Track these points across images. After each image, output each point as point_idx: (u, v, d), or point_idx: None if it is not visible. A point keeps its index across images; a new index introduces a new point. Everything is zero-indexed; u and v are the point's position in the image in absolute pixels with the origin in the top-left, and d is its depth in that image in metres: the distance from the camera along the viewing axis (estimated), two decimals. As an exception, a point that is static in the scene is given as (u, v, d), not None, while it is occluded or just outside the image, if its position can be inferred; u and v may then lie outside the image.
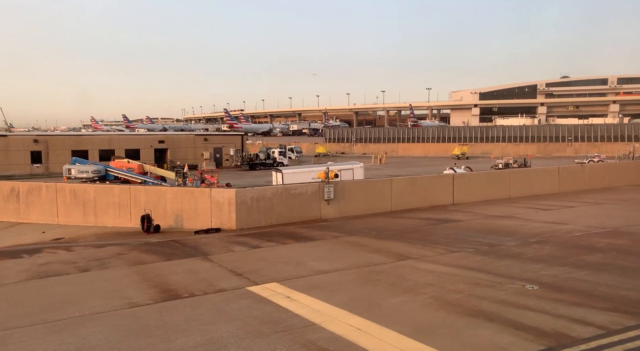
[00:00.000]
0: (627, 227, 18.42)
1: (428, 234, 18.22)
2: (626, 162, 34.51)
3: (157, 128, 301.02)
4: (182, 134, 62.36)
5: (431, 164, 58.84)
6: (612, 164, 32.95)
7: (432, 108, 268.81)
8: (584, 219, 20.52)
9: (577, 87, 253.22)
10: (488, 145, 68.46)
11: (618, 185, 31.96)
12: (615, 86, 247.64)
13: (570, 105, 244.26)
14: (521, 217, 21.57)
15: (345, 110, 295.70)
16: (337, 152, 73.59)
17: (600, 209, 23.20)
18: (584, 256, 14.03)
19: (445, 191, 26.47)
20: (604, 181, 31.91)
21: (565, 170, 30.86)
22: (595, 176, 31.77)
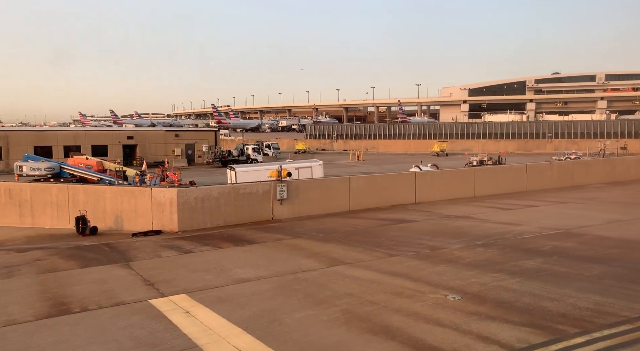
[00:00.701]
0: (580, 228, 17.85)
1: (376, 236, 17.50)
2: (595, 160, 34.10)
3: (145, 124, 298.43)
4: (152, 130, 60.94)
5: (409, 161, 58.13)
6: (581, 162, 32.49)
7: (422, 104, 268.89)
8: (541, 219, 19.94)
9: (566, 83, 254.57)
10: (469, 142, 68.01)
11: (587, 183, 31.52)
12: (603, 83, 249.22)
13: (559, 101, 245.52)
14: (478, 217, 20.95)
15: (335, 106, 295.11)
16: (317, 148, 72.76)
17: (561, 209, 22.65)
18: (524, 260, 13.39)
19: (407, 190, 25.79)
20: (573, 179, 31.44)
21: (533, 168, 30.32)
22: (564, 174, 31.29)
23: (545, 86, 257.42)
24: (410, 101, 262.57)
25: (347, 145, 72.48)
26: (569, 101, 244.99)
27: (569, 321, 8.86)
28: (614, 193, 27.93)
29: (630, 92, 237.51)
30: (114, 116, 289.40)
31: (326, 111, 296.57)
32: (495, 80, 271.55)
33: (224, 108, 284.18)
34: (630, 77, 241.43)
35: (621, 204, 23.74)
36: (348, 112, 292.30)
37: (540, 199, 26.11)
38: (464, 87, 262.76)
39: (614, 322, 8.70)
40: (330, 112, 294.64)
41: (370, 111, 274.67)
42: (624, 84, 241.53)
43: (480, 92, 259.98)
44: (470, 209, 23.15)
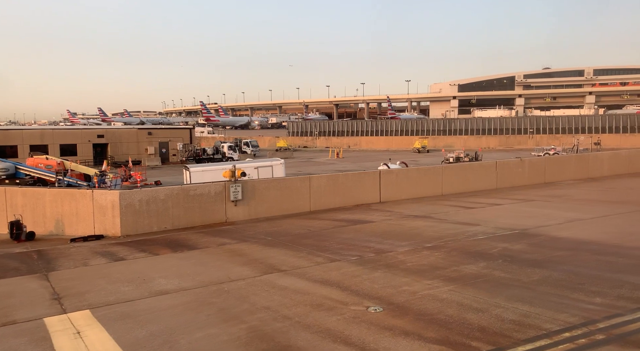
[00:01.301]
0: (537, 228, 17.26)
1: (326, 238, 16.78)
2: (567, 156, 33.63)
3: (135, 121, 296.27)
4: (124, 128, 59.74)
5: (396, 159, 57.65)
6: (553, 159, 32.02)
7: (412, 100, 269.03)
8: (501, 219, 19.35)
9: (555, 78, 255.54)
10: (451, 138, 67.55)
11: (559, 180, 31.06)
12: (591, 78, 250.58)
13: (548, 96, 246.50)
14: (438, 217, 20.33)
15: (325, 102, 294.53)
16: (299, 146, 72.00)
17: (524, 207, 22.09)
18: (466, 265, 12.74)
19: (372, 189, 25.11)
20: (545, 176, 30.95)
21: (503, 165, 29.77)
22: (535, 170, 30.78)
23: (534, 81, 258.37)
24: (400, 97, 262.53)
25: (330, 142, 71.76)
26: (558, 96, 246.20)
27: (486, 336, 8.20)
28: (584, 189, 27.46)
29: (618, 87, 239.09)
30: (102, 114, 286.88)
31: (317, 108, 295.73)
32: (484, 75, 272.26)
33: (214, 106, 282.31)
34: (618, 71, 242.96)
35: (587, 201, 23.24)
36: (338, 109, 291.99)
37: (508, 197, 25.56)
38: (454, 83, 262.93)
39: (533, 336, 8.06)
40: (320, 108, 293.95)
41: (361, 108, 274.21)
42: (612, 78, 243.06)
43: (469, 87, 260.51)
44: (433, 208, 22.54)
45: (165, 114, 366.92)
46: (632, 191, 26.16)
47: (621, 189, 27.01)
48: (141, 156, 46.78)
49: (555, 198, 24.53)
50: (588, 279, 11.10)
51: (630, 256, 13.01)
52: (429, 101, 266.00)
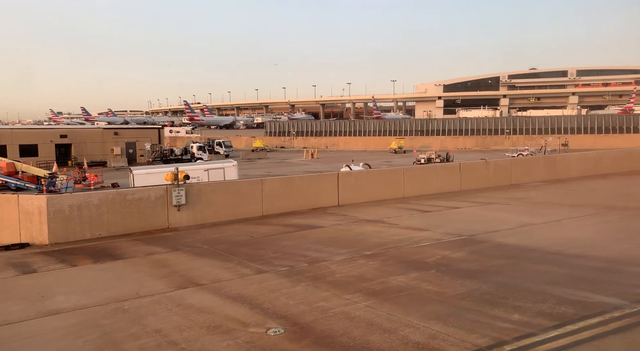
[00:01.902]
0: (485, 234, 16.59)
1: (265, 246, 15.90)
2: (534, 158, 33.23)
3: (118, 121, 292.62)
4: (89, 128, 58.29)
5: (367, 159, 56.91)
6: (519, 160, 31.57)
7: (397, 100, 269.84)
8: (453, 223, 18.67)
9: (539, 78, 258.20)
10: (428, 138, 67.19)
11: (525, 181, 30.55)
12: (574, 78, 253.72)
13: (532, 97, 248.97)
14: (390, 221, 19.58)
15: (312, 102, 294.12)
16: (276, 146, 71.05)
17: (481, 211, 21.47)
18: (396, 276, 11.96)
19: (330, 192, 24.27)
20: (511, 178, 30.44)
21: (467, 167, 29.17)
22: (501, 172, 30.25)
23: (519, 82, 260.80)
24: (386, 97, 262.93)
25: (308, 142, 70.94)
26: (542, 96, 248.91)
27: (381, 363, 7.39)
28: (547, 192, 26.98)
29: (601, 87, 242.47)
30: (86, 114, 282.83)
31: (303, 107, 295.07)
32: (469, 76, 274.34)
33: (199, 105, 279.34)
34: (600, 72, 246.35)
35: (546, 204, 22.70)
36: (325, 109, 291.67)
37: (468, 199, 24.93)
38: (439, 83, 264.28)
39: (430, 365, 7.27)
40: (307, 108, 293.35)
41: (347, 107, 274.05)
42: (595, 79, 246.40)
43: (455, 88, 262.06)
44: (389, 212, 21.80)
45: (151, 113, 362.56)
46: (593, 193, 25.73)
47: (583, 191, 26.58)
48: (107, 157, 45.37)
49: (516, 201, 23.97)
50: (515, 293, 10.39)
51: (566, 265, 12.36)
52: (415, 101, 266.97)
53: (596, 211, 20.12)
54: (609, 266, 12.22)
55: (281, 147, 69.84)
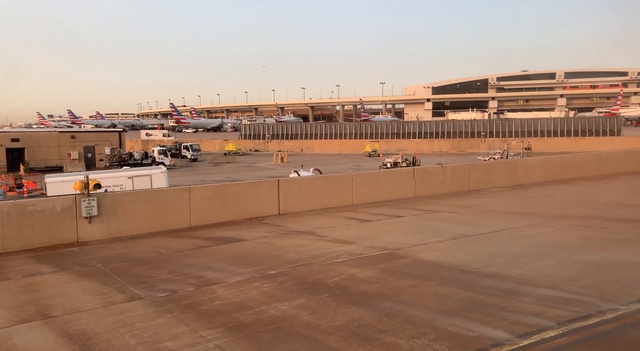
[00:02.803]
0: (412, 247, 15.31)
1: (164, 265, 14.50)
2: (494, 162, 32.08)
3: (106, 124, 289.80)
4: (43, 131, 56.37)
5: (339, 163, 55.76)
6: (478, 165, 30.37)
7: (386, 103, 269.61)
8: (385, 235, 17.41)
9: (527, 81, 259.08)
10: (403, 141, 66.08)
11: (485, 187, 29.37)
12: (562, 80, 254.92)
13: (520, 99, 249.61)
14: (320, 233, 18.27)
15: (301, 105, 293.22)
16: (250, 149, 69.56)
17: (423, 220, 20.22)
18: (281, 302, 10.65)
19: (269, 200, 22.91)
20: (469, 183, 29.24)
21: (422, 172, 27.96)
22: (459, 178, 29.02)
23: (507, 84, 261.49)
24: (375, 100, 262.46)
25: (282, 145, 69.57)
26: (530, 98, 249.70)
27: None
28: (502, 198, 25.82)
29: (588, 89, 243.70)
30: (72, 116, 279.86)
31: (293, 110, 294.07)
32: (458, 78, 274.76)
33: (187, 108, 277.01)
34: (588, 75, 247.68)
35: (494, 213, 21.49)
36: (315, 111, 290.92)
37: (416, 207, 23.68)
38: (428, 86, 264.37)
39: None
40: (297, 111, 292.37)
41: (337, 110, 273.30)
42: (583, 81, 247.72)
43: (443, 90, 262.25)
44: (327, 222, 20.48)
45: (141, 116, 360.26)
46: (549, 200, 24.56)
47: (540, 198, 25.41)
48: (64, 162, 43.68)
49: (464, 209, 22.74)
50: (397, 324, 9.08)
51: (473, 288, 11.07)
52: (404, 103, 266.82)
53: (541, 221, 18.91)
54: (517, 288, 10.96)
55: (255, 151, 68.43)
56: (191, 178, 41.19)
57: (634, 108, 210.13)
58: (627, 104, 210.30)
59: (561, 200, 24.14)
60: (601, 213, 19.85)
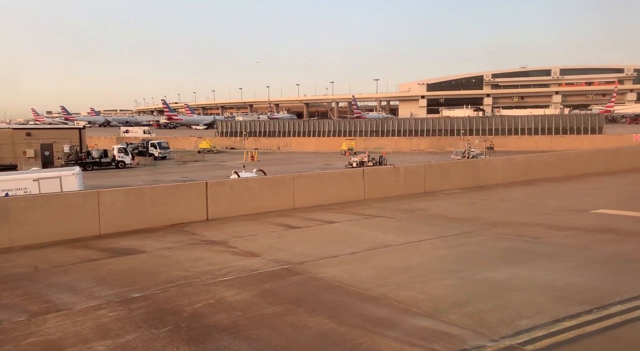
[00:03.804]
0: (317, 261, 13.72)
1: (26, 284, 12.84)
2: (452, 163, 30.35)
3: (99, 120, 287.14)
4: None
5: (315, 161, 54.07)
6: (434, 165, 28.68)
7: (381, 99, 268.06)
8: (299, 245, 15.79)
9: (522, 77, 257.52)
10: (382, 139, 64.38)
11: (442, 188, 27.70)
12: (557, 77, 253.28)
13: (515, 96, 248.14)
14: (233, 243, 16.64)
15: (296, 101, 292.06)
16: (226, 147, 67.77)
17: (352, 227, 18.54)
18: (106, 340, 8.98)
19: (196, 205, 21.22)
20: (425, 185, 27.57)
21: (373, 173, 26.22)
22: (414, 179, 27.35)
23: (503, 81, 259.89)
24: (369, 97, 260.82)
25: (259, 143, 67.80)
26: (526, 95, 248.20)
27: None
28: (453, 201, 24.15)
29: (584, 86, 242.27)
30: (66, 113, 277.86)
31: (287, 107, 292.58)
32: (453, 75, 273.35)
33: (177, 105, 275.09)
34: (584, 71, 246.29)
35: (435, 218, 19.81)
36: (309, 108, 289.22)
37: (359, 211, 22.02)
38: (422, 82, 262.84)
39: None
40: (292, 107, 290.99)
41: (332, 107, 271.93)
42: (578, 78, 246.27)
43: (438, 87, 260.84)
44: (252, 229, 18.86)
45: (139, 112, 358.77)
46: (500, 204, 22.91)
47: (491, 201, 23.76)
48: (19, 160, 41.95)
49: (406, 214, 21.08)
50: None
51: (342, 317, 9.39)
52: (398, 100, 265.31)
53: (475, 229, 17.25)
54: (393, 316, 9.31)
55: (232, 148, 66.63)
56: (144, 178, 39.51)
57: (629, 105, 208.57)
58: (623, 101, 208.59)
59: (511, 204, 22.48)
60: (544, 219, 18.19)
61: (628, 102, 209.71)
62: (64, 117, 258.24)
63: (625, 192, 23.88)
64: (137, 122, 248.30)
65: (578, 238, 15.17)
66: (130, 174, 42.33)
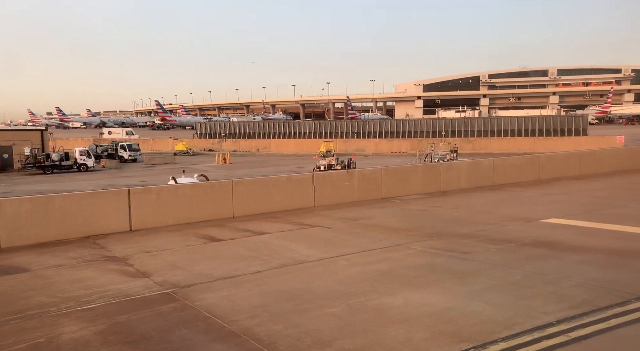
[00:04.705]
0: (206, 284, 12.05)
1: None
2: (412, 167, 28.54)
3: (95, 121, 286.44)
4: None
5: (281, 164, 52.15)
6: (392, 170, 26.85)
7: (377, 100, 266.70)
8: (205, 262, 14.15)
9: (519, 78, 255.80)
10: (363, 141, 62.63)
11: (401, 194, 25.97)
12: (555, 78, 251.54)
13: (512, 97, 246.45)
14: (134, 261, 14.94)
15: (292, 102, 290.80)
16: (204, 149, 66.03)
17: (279, 240, 16.82)
18: None
19: (116, 214, 19.44)
20: (382, 191, 25.78)
21: (324, 178, 24.47)
22: (370, 184, 25.52)
23: (499, 81, 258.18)
24: (365, 97, 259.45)
25: (238, 145, 66.10)
26: (522, 96, 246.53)
27: None
28: (402, 209, 22.39)
29: (581, 87, 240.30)
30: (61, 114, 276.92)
31: (284, 108, 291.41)
32: (449, 75, 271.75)
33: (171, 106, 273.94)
34: (581, 72, 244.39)
35: (372, 228, 18.08)
36: (306, 109, 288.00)
37: (300, 220, 20.30)
38: (419, 83, 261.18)
39: None
40: (288, 108, 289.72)
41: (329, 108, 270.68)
42: (575, 79, 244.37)
43: (435, 87, 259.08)
44: (170, 242, 17.14)
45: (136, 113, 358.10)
46: (451, 211, 21.12)
47: (445, 208, 21.99)
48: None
49: (346, 224, 19.33)
50: None
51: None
52: (394, 101, 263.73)
53: (408, 241, 15.54)
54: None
55: (210, 150, 64.87)
56: (99, 183, 37.66)
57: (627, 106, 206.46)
58: (621, 101, 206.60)
59: (462, 212, 20.71)
60: (486, 230, 16.45)
61: (626, 103, 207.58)
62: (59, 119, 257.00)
63: (587, 199, 22.10)
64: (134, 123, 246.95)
65: (507, 253, 13.47)
66: (87, 178, 40.63)
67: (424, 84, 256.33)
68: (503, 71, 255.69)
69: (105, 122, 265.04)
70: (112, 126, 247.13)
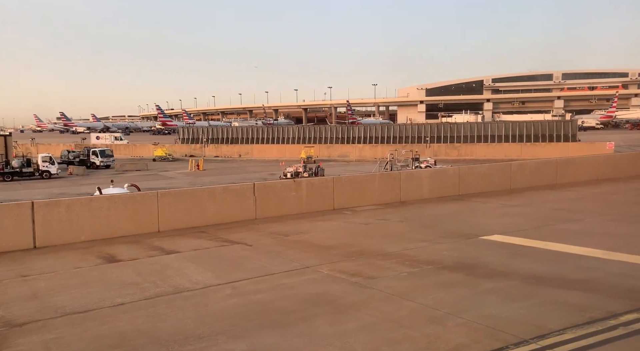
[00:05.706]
0: (50, 320, 10.28)
1: None
2: (368, 176, 26.42)
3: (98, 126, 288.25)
4: None
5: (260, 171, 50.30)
6: (344, 179, 24.86)
7: (379, 105, 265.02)
8: (76, 289, 12.49)
9: (523, 82, 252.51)
10: (346, 146, 60.70)
11: (355, 205, 24.03)
12: (559, 82, 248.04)
13: (516, 101, 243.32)
14: (10, 283, 13.15)
15: (294, 107, 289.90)
16: (185, 154, 64.48)
17: (183, 262, 15.05)
18: None
19: (18, 230, 17.51)
20: (334, 201, 23.88)
21: (266, 188, 22.58)
22: (320, 195, 23.58)
23: (503, 85, 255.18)
24: (367, 102, 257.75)
25: (220, 150, 64.52)
26: (526, 100, 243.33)
27: None
28: (350, 221, 20.44)
29: (586, 91, 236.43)
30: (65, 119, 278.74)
31: (287, 112, 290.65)
32: (452, 79, 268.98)
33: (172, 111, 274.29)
34: (587, 76, 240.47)
35: (300, 245, 16.23)
36: (308, 113, 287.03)
37: (223, 236, 18.47)
38: (421, 87, 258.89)
39: None
40: (291, 113, 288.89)
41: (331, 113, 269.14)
42: (581, 83, 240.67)
43: (437, 92, 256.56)
44: (60, 264, 15.35)
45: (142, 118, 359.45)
46: (392, 226, 19.10)
47: (389, 222, 20.02)
48: None
49: (274, 240, 17.44)
50: None
51: None
52: (397, 105, 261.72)
53: (318, 263, 13.67)
54: None
55: (191, 156, 63.23)
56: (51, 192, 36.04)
57: (633, 110, 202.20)
58: (628, 106, 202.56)
59: (404, 226, 18.69)
60: (414, 249, 14.49)
61: (633, 107, 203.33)
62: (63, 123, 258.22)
63: (547, 212, 19.99)
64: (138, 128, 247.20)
65: (418, 278, 11.55)
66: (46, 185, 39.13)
67: (427, 88, 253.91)
68: (507, 75, 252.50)
69: (109, 127, 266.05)
70: (115, 130, 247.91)
